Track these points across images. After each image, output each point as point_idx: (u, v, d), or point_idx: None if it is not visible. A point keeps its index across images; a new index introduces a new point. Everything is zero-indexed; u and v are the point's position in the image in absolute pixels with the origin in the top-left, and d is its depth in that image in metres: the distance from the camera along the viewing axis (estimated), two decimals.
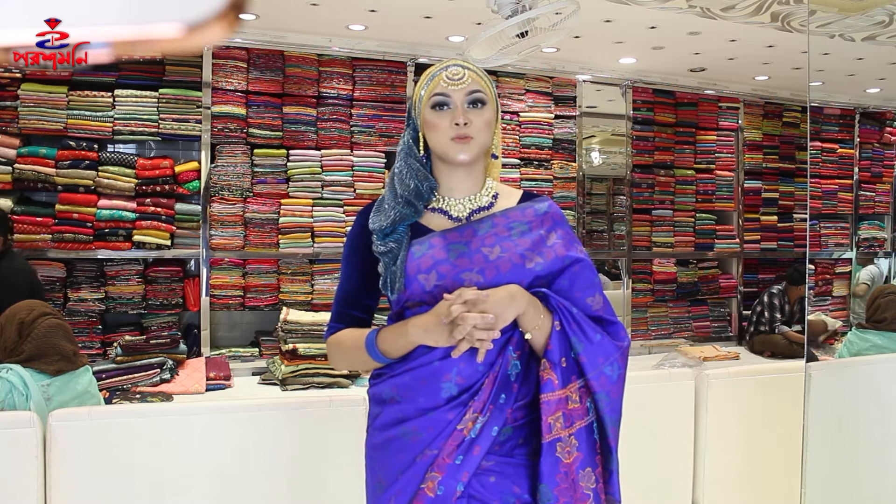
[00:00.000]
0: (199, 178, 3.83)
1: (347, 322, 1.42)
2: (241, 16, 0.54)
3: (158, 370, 3.28)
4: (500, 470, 1.28)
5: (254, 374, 3.69)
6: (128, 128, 3.71)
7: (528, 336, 1.27)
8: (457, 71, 1.35)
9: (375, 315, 1.47)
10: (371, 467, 1.39)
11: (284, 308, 3.70)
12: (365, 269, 1.39)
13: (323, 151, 4.06)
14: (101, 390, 2.77)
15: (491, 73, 4.35)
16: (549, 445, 1.24)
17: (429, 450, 1.27)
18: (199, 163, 3.84)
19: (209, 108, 3.83)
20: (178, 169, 3.81)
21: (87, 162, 3.62)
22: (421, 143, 1.37)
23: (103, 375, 3.16)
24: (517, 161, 4.48)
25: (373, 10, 3.57)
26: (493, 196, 1.39)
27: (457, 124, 1.31)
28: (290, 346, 3.38)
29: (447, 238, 1.33)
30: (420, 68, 4.25)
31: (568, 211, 4.61)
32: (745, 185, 5.21)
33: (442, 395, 1.27)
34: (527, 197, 1.41)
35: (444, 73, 1.35)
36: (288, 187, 4.00)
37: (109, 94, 3.69)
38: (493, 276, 1.29)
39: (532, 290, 1.29)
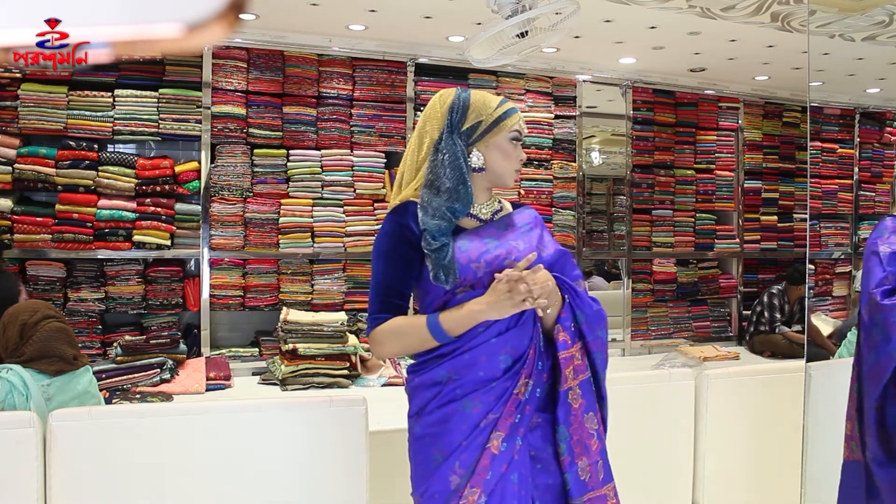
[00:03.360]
0: (199, 178, 3.83)
1: (393, 311, 1.59)
2: (241, 16, 0.54)
3: (158, 370, 3.28)
4: (544, 426, 1.58)
5: (254, 374, 3.69)
6: (128, 128, 3.71)
7: (549, 311, 1.56)
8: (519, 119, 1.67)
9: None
10: (427, 444, 1.55)
11: (284, 308, 3.70)
12: (406, 262, 1.59)
13: (323, 151, 4.06)
14: (101, 390, 2.77)
15: (491, 73, 4.38)
16: (563, 394, 1.56)
17: (492, 414, 1.51)
18: (199, 163, 3.84)
19: (209, 108, 3.83)
20: (178, 169, 3.81)
21: (87, 162, 3.62)
22: (475, 158, 1.62)
23: (103, 375, 3.16)
24: None
25: (373, 10, 3.57)
26: (500, 201, 1.72)
27: (520, 160, 1.66)
28: (290, 346, 3.39)
29: (481, 234, 1.61)
30: (420, 68, 4.25)
31: (568, 211, 4.62)
32: (745, 185, 5.20)
33: (501, 366, 1.53)
34: (515, 205, 1.76)
35: (518, 115, 1.64)
36: (288, 187, 4.00)
37: (109, 94, 3.69)
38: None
39: None
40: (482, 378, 1.52)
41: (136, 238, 3.70)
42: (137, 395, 3.06)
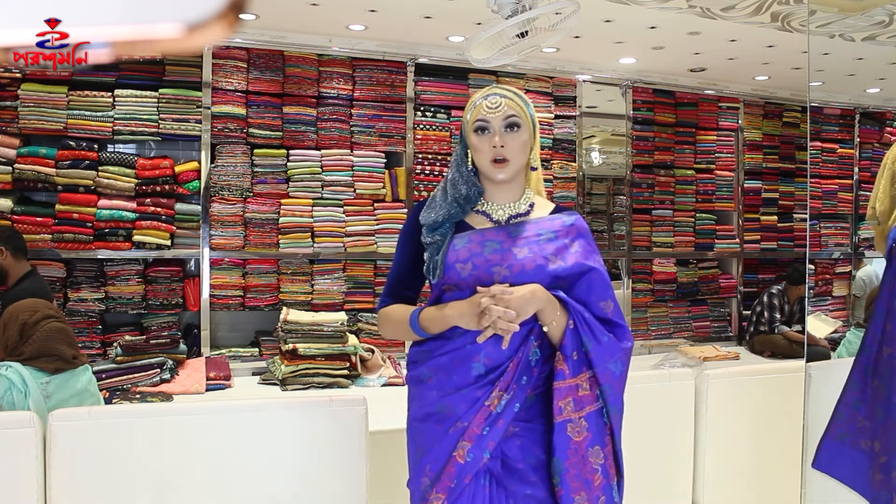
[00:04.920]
0: (199, 178, 3.83)
1: (397, 298, 1.66)
2: (241, 16, 0.54)
3: (158, 370, 3.28)
4: (525, 435, 1.51)
5: (254, 374, 3.69)
6: (128, 128, 3.71)
7: (545, 328, 1.48)
8: (495, 100, 1.56)
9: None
10: (412, 437, 1.59)
11: (284, 308, 3.70)
12: (414, 256, 1.63)
13: (323, 151, 4.06)
14: (101, 390, 2.77)
15: (491, 73, 4.38)
16: (559, 425, 1.46)
17: (460, 422, 1.48)
18: (199, 163, 3.84)
19: (209, 108, 3.83)
20: (178, 169, 3.81)
21: (87, 162, 3.62)
22: (469, 160, 1.60)
23: (103, 375, 3.16)
24: None
25: (373, 10, 3.57)
26: (530, 205, 1.62)
27: (493, 147, 1.53)
28: (290, 346, 3.39)
29: (484, 236, 1.56)
30: (420, 68, 4.25)
31: None
32: (745, 185, 5.21)
33: (472, 374, 1.49)
34: (558, 210, 1.63)
35: (484, 101, 1.56)
36: (288, 187, 4.00)
37: (109, 94, 3.69)
38: (519, 272, 1.50)
39: (553, 292, 1.49)
40: (455, 383, 1.50)
41: (136, 238, 3.70)
42: (137, 395, 3.06)
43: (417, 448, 1.55)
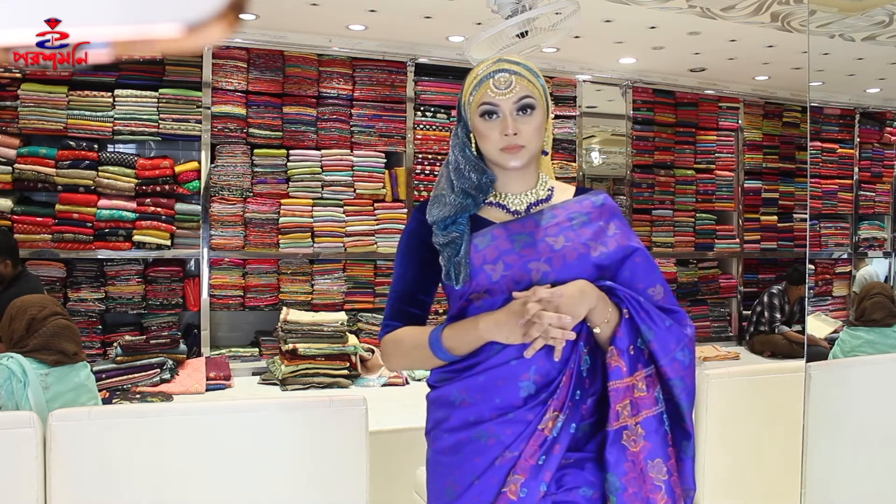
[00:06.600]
0: (199, 178, 3.84)
1: (404, 320, 1.39)
2: (241, 16, 0.54)
3: (158, 370, 3.28)
4: (574, 464, 1.30)
5: (254, 374, 3.69)
6: (128, 128, 3.71)
7: (596, 330, 1.28)
8: (504, 78, 1.30)
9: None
10: (440, 472, 1.36)
11: (284, 308, 3.71)
12: (422, 265, 1.38)
13: (323, 151, 4.06)
14: (101, 390, 2.78)
15: None
16: (615, 433, 1.25)
17: (509, 452, 1.27)
18: (199, 163, 3.84)
19: (209, 108, 3.83)
20: (178, 169, 3.81)
21: (87, 162, 3.62)
22: (473, 145, 1.36)
23: (103, 375, 3.16)
24: None
25: (373, 10, 3.57)
26: (550, 189, 1.39)
27: (506, 135, 1.29)
28: (290, 346, 3.39)
29: (509, 229, 1.33)
30: (420, 68, 4.25)
31: None
32: (745, 185, 5.21)
33: (520, 394, 1.28)
34: (580, 191, 1.42)
35: (490, 80, 1.30)
36: (288, 187, 4.01)
37: (109, 94, 3.69)
38: (560, 266, 1.29)
39: (598, 284, 1.29)
40: (499, 406, 1.28)
41: (136, 238, 3.71)
42: (137, 395, 3.06)
43: (450, 483, 1.32)
